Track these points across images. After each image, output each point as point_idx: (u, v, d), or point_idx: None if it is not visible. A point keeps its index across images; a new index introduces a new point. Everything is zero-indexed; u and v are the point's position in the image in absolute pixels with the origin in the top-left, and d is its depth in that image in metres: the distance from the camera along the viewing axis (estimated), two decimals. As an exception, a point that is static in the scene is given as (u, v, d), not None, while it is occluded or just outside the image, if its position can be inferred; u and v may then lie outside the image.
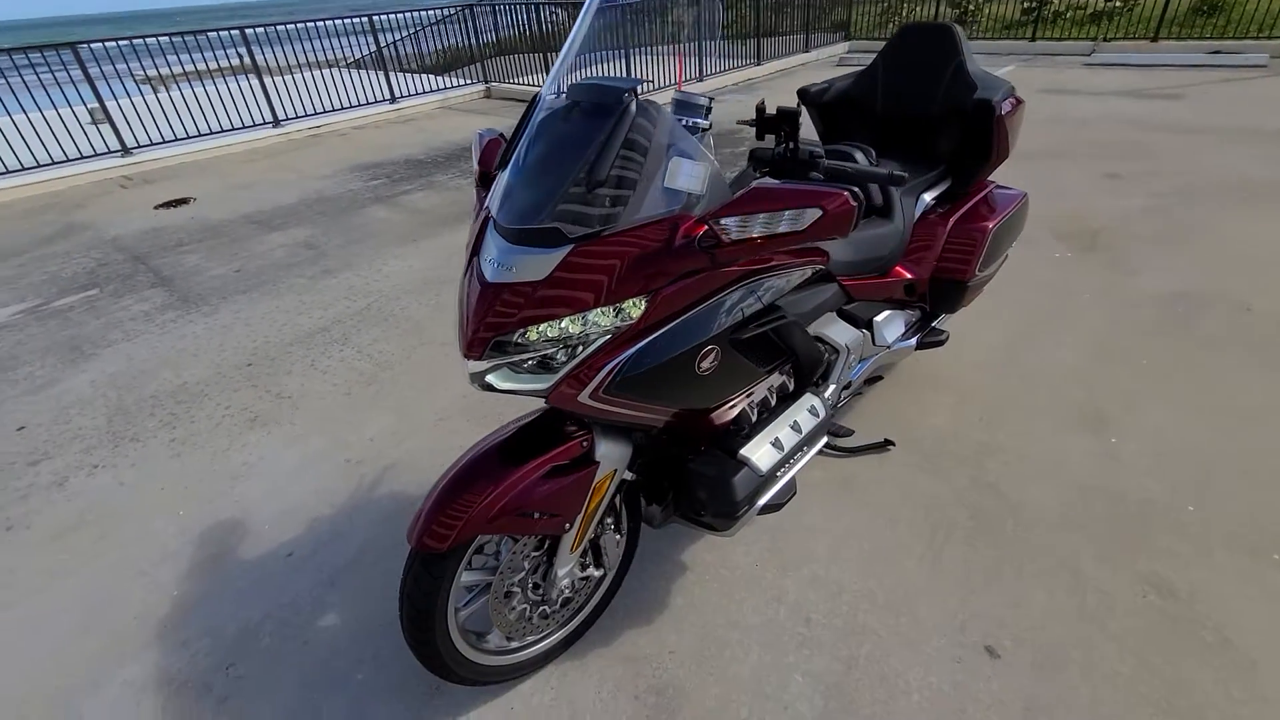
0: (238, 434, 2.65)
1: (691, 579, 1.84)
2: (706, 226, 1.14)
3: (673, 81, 8.80)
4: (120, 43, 7.29)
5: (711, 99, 1.60)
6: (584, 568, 1.55)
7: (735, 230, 1.11)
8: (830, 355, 1.91)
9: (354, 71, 8.75)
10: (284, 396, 2.87)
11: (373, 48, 9.05)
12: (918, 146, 2.22)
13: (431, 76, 10.01)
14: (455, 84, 9.88)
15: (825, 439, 1.67)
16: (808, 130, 1.60)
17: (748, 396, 1.57)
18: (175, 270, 4.34)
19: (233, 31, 7.60)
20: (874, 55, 2.38)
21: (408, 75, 9.58)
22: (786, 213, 1.09)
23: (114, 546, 2.14)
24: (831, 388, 1.93)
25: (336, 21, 9.26)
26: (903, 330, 2.13)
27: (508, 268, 1.15)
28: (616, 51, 8.06)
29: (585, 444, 1.37)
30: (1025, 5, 10.33)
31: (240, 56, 7.65)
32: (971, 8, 11.02)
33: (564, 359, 1.18)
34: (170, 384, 3.03)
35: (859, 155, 1.92)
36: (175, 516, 2.25)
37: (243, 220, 5.21)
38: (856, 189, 1.11)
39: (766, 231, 1.11)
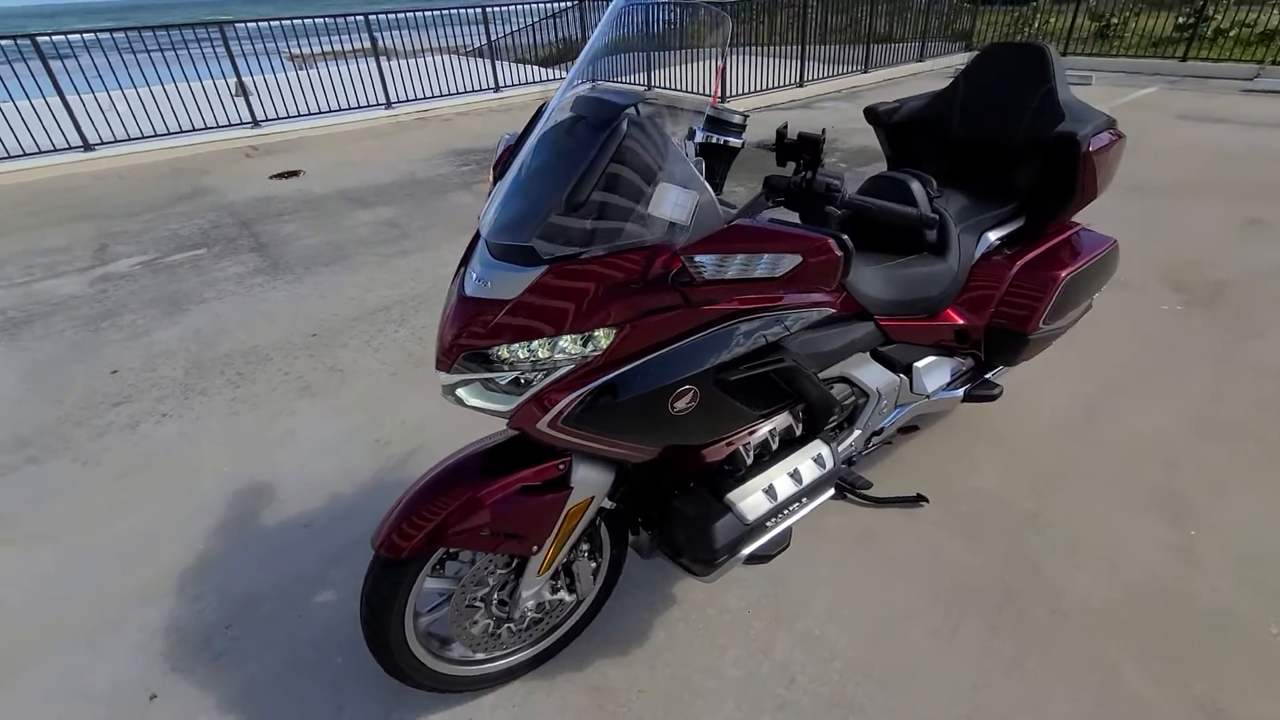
0: (289, 401, 2.80)
1: (676, 615, 1.76)
2: (682, 262, 1.06)
3: (779, 84, 8.54)
4: (261, 24, 8.03)
5: (746, 115, 1.50)
6: (554, 591, 1.51)
7: (710, 269, 1.02)
8: (857, 399, 1.77)
9: (466, 59, 9.14)
10: (337, 370, 3.01)
11: (491, 37, 9.43)
12: (992, 179, 2.01)
13: (536, 68, 10.27)
14: (557, 76, 10.10)
15: (831, 491, 1.54)
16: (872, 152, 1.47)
17: (750, 434, 1.47)
18: (273, 238, 4.68)
19: (358, 17, 8.15)
20: None
21: (514, 65, 9.89)
22: (765, 256, 0.99)
23: (162, 493, 2.32)
24: (855, 434, 1.78)
25: (455, 11, 9.70)
26: (948, 380, 1.94)
27: (485, 283, 1.13)
28: (714, 49, 7.91)
29: (562, 467, 1.32)
30: (1180, 20, 9.24)
31: (372, 40, 8.20)
32: (1116, 22, 9.96)
33: (534, 382, 1.14)
34: (244, 345, 3.26)
35: (915, 185, 1.76)
36: (220, 472, 2.41)
37: (340, 195, 5.55)
38: (845, 237, 0.99)
39: (742, 275, 1.01)
